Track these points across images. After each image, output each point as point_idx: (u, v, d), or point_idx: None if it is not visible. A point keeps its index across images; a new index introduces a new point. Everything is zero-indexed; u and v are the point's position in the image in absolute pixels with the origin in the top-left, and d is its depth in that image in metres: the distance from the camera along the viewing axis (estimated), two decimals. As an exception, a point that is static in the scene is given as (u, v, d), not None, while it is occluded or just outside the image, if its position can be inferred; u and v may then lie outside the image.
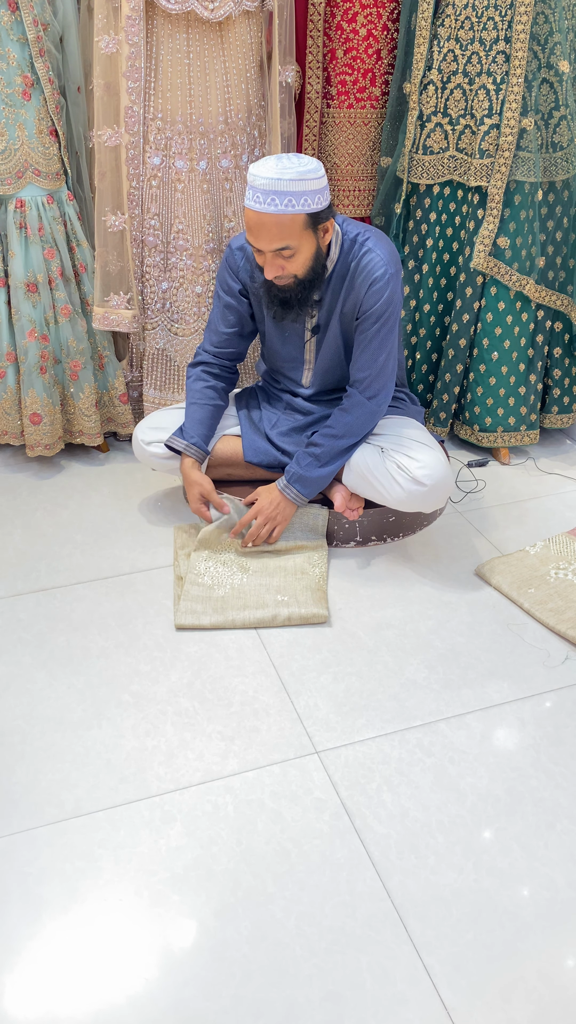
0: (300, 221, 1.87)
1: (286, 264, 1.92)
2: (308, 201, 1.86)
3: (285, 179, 1.83)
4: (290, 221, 1.86)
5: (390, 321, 2.02)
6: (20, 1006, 1.24)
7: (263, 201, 1.84)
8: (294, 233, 1.87)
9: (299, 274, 1.95)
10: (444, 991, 1.27)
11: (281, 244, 1.88)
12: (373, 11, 2.43)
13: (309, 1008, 1.25)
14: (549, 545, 2.26)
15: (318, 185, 1.87)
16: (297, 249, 1.90)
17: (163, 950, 1.32)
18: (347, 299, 2.05)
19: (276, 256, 1.91)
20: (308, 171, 1.85)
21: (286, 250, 1.89)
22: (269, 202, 1.84)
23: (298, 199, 1.84)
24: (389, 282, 1.99)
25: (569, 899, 1.40)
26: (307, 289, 1.99)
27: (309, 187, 1.85)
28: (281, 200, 1.84)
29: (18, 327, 2.39)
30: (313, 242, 1.92)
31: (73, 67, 2.33)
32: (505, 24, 2.29)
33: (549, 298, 2.59)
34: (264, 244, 1.89)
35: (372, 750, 1.66)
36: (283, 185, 1.83)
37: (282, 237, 1.87)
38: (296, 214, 1.85)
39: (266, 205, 1.84)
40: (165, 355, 2.56)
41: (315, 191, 1.86)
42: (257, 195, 1.85)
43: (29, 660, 1.87)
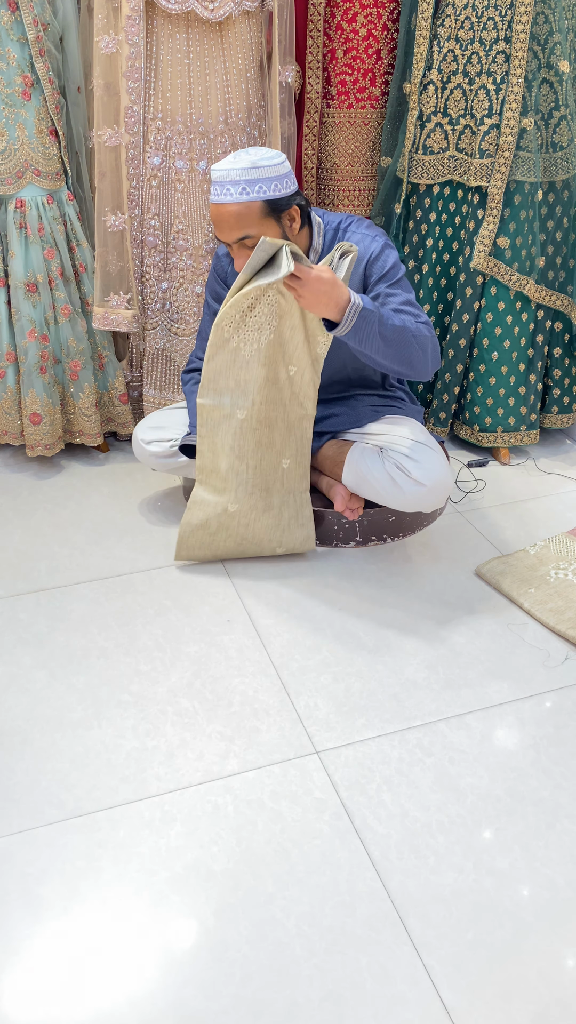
0: (256, 208, 1.87)
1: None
2: (263, 188, 1.87)
3: (237, 168, 1.86)
4: (246, 209, 1.87)
5: (400, 272, 2.04)
6: (20, 1006, 1.24)
7: (219, 192, 1.87)
8: (252, 221, 1.88)
9: None
10: (444, 991, 1.27)
11: (240, 233, 1.88)
12: (373, 11, 2.43)
13: (309, 1008, 1.24)
14: (549, 545, 2.26)
15: (274, 172, 1.88)
16: (258, 238, 1.89)
17: (163, 950, 1.31)
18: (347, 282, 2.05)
19: (241, 247, 1.92)
20: (262, 158, 1.87)
21: (247, 239, 1.90)
22: (224, 192, 1.87)
23: (252, 186, 1.86)
24: (385, 248, 2.02)
25: (569, 899, 1.40)
26: None
27: (263, 175, 1.86)
28: (235, 188, 1.86)
29: (18, 327, 2.39)
30: (277, 231, 1.92)
31: (73, 67, 2.33)
32: (505, 24, 2.29)
33: (549, 298, 2.59)
34: (225, 235, 1.91)
35: (372, 750, 1.66)
36: (235, 175, 1.86)
37: (240, 226, 1.88)
38: (251, 201, 1.87)
39: (222, 195, 1.87)
40: (165, 355, 2.56)
41: (271, 178, 1.87)
42: (215, 187, 1.89)
43: (29, 660, 1.87)
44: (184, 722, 1.72)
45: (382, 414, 2.24)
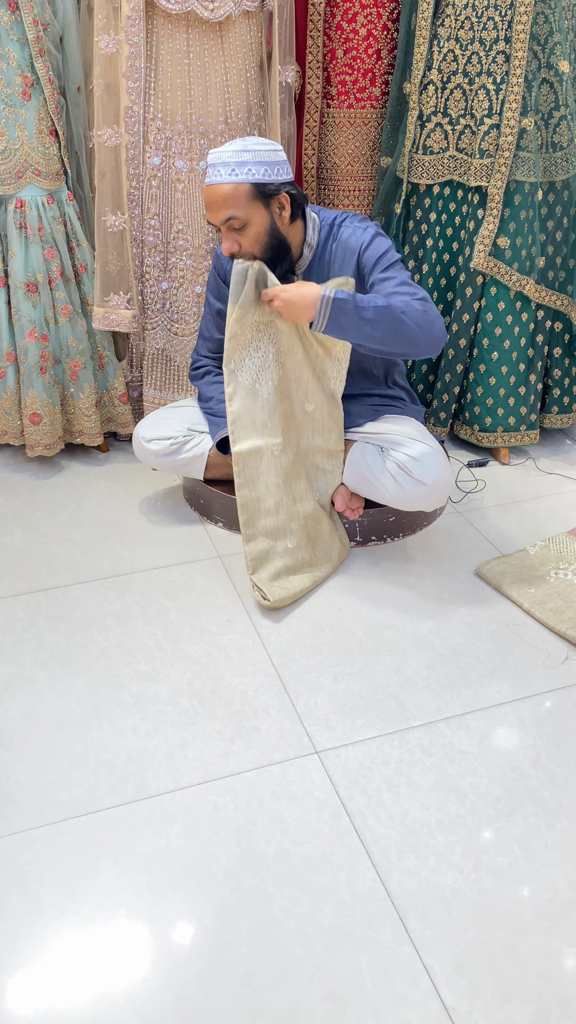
0: (244, 191, 1.90)
1: (240, 239, 1.95)
2: (252, 171, 1.90)
3: (228, 151, 1.91)
4: (233, 190, 1.90)
5: (393, 257, 2.03)
6: (20, 1006, 1.24)
7: (211, 174, 1.93)
8: (239, 203, 1.90)
9: (256, 252, 1.96)
10: (444, 991, 1.27)
11: (227, 213, 1.91)
12: (373, 11, 2.43)
13: (309, 1008, 1.24)
14: (549, 545, 2.26)
15: (265, 157, 1.91)
16: (246, 221, 1.92)
17: (163, 950, 1.31)
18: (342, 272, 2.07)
19: (228, 231, 1.94)
20: (255, 143, 1.91)
21: (234, 220, 1.92)
22: (215, 174, 1.91)
23: (240, 168, 1.89)
24: (375, 237, 2.04)
25: (569, 899, 1.40)
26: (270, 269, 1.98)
27: (252, 158, 1.90)
28: (225, 169, 1.90)
29: (18, 327, 2.39)
30: (265, 216, 1.94)
31: (73, 67, 2.33)
32: (505, 24, 2.29)
33: (549, 298, 2.59)
34: (212, 215, 1.94)
35: (372, 750, 1.66)
36: (225, 156, 1.90)
37: (227, 206, 1.90)
38: (239, 183, 1.90)
39: (212, 177, 1.92)
40: (165, 355, 2.56)
41: (261, 162, 1.90)
42: (207, 170, 1.94)
43: (29, 660, 1.87)
44: (184, 722, 1.72)
45: (382, 413, 2.24)
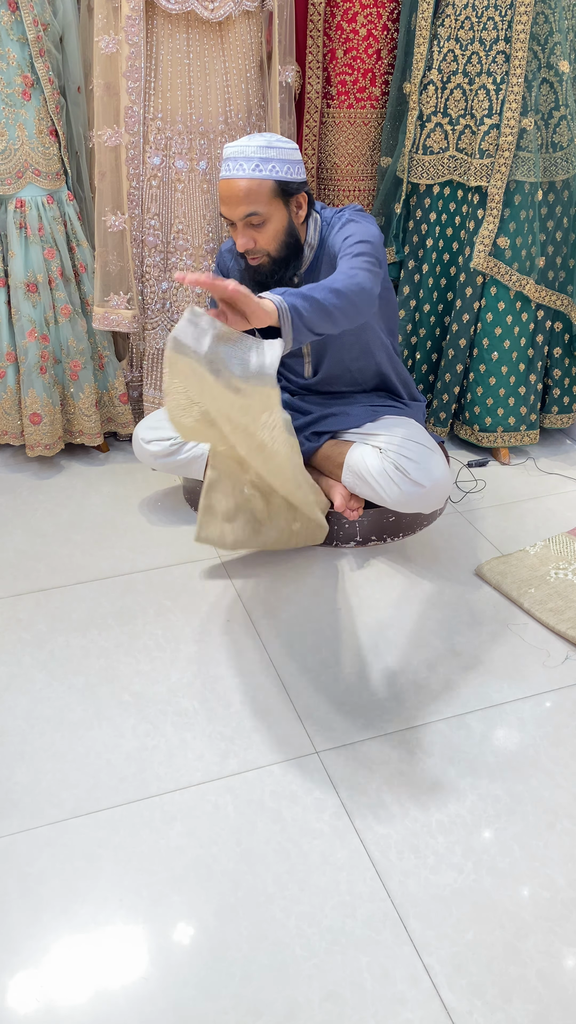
0: (268, 187, 1.88)
1: (257, 236, 1.92)
2: (276, 168, 1.88)
3: (252, 146, 1.87)
4: (257, 186, 1.87)
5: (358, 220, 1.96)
6: (20, 1006, 1.24)
7: (232, 168, 1.88)
8: (262, 199, 1.88)
9: (271, 250, 1.95)
10: (444, 991, 1.27)
11: (248, 209, 1.88)
12: (373, 11, 2.43)
13: (309, 1008, 1.24)
14: (549, 545, 2.26)
15: (287, 155, 1.89)
16: (267, 218, 1.90)
17: (163, 950, 1.31)
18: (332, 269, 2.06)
19: (246, 226, 1.91)
20: (276, 140, 1.89)
21: (254, 216, 1.89)
22: (237, 168, 1.87)
23: (265, 164, 1.87)
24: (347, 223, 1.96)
25: (569, 899, 1.40)
26: (282, 268, 1.99)
27: (277, 155, 1.88)
28: (248, 164, 1.87)
29: (18, 327, 2.39)
30: (284, 214, 1.93)
31: (73, 67, 2.33)
32: (505, 24, 2.29)
33: (549, 298, 2.59)
34: (232, 210, 1.90)
35: (372, 750, 1.66)
36: (250, 151, 1.87)
37: (249, 202, 1.87)
38: (263, 179, 1.87)
39: (234, 171, 1.87)
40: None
41: (283, 160, 1.88)
42: (227, 164, 1.89)
43: (29, 660, 1.87)
44: (184, 722, 1.72)
45: (381, 414, 2.24)
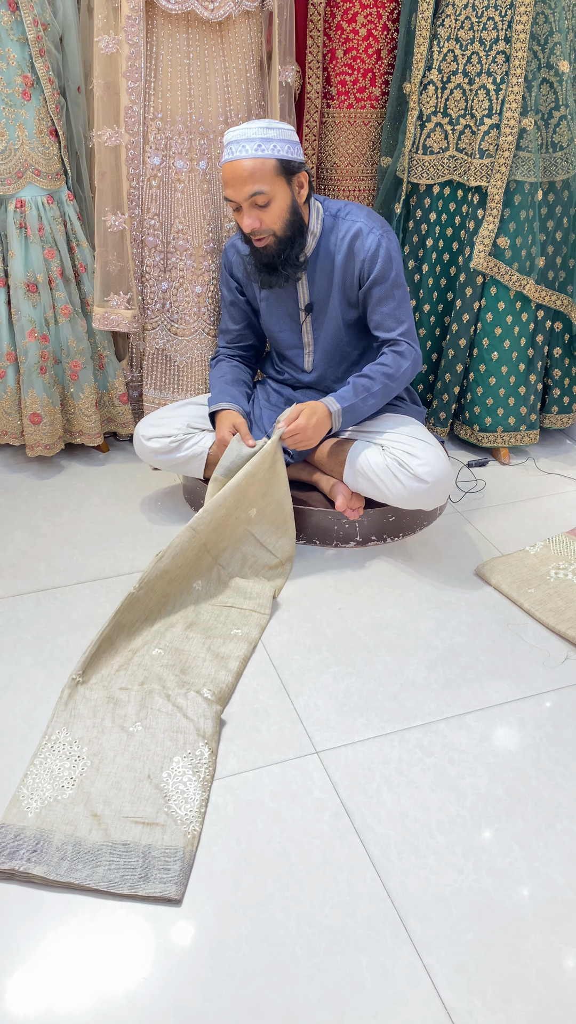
0: (271, 166, 1.93)
1: (262, 215, 1.96)
2: (277, 148, 1.93)
3: (252, 128, 1.93)
4: (260, 165, 1.92)
5: (398, 278, 2.09)
6: (20, 1006, 1.24)
7: (235, 150, 1.93)
8: (266, 177, 1.93)
9: (276, 229, 1.99)
10: (444, 991, 1.27)
11: (254, 188, 1.92)
12: (373, 11, 2.43)
13: (309, 1008, 1.24)
14: (549, 545, 2.26)
15: (287, 136, 1.95)
16: (271, 196, 1.94)
17: (163, 950, 1.31)
18: (345, 273, 2.10)
19: (252, 207, 1.95)
20: (274, 122, 1.95)
21: (259, 195, 1.93)
22: (240, 149, 1.92)
23: (267, 144, 1.92)
24: (381, 241, 2.05)
25: (569, 899, 1.40)
26: (288, 247, 2.02)
27: (277, 135, 1.93)
28: (251, 145, 1.92)
29: (18, 327, 2.39)
30: (287, 193, 1.97)
31: (73, 67, 2.33)
32: (505, 24, 2.29)
33: (549, 298, 2.59)
34: (237, 191, 1.94)
35: (372, 750, 1.66)
36: (251, 133, 1.93)
37: (254, 180, 1.92)
38: (266, 158, 1.92)
39: (237, 152, 1.93)
40: (165, 355, 2.56)
41: (283, 140, 1.94)
42: (230, 147, 1.94)
43: (29, 660, 1.87)
44: (184, 722, 1.72)
45: (381, 413, 2.25)
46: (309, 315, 2.18)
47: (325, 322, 2.18)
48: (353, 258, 2.07)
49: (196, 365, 2.54)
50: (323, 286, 2.13)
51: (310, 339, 2.22)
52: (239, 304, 2.29)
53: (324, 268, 2.10)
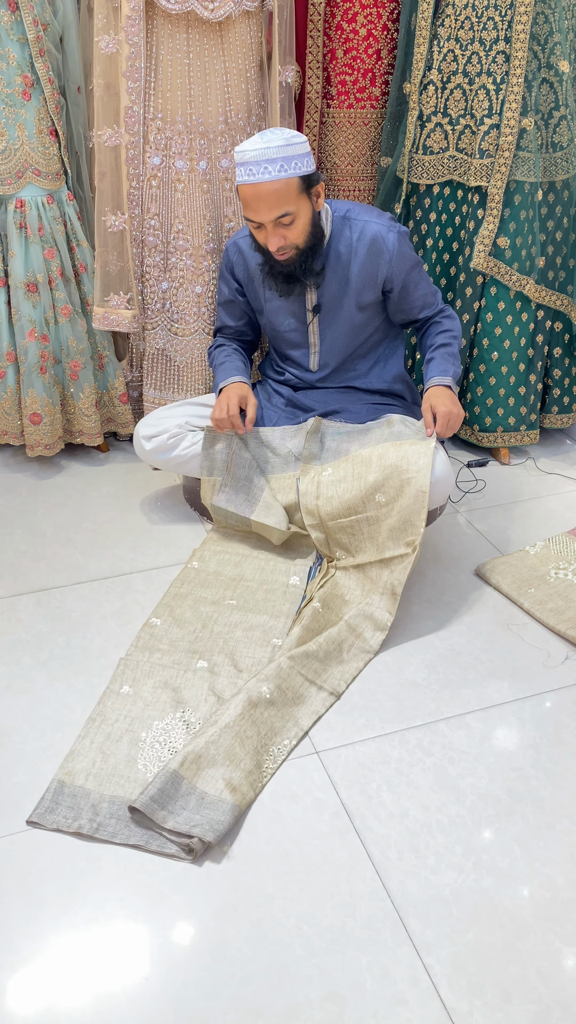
0: (295, 185, 1.91)
1: (287, 233, 1.96)
2: (298, 164, 1.91)
3: (273, 147, 1.88)
4: (285, 186, 1.90)
5: (419, 266, 2.13)
6: (20, 1006, 1.24)
7: (256, 172, 1.89)
8: (291, 198, 1.91)
9: (300, 243, 1.99)
10: (444, 991, 1.27)
11: (280, 211, 1.91)
12: (373, 11, 2.43)
13: (309, 1008, 1.24)
14: (549, 545, 2.26)
15: (303, 150, 1.93)
16: (296, 214, 1.94)
17: (163, 950, 1.31)
18: (364, 275, 2.10)
19: (277, 226, 1.94)
20: (291, 137, 1.92)
21: (286, 216, 1.92)
22: (263, 171, 1.88)
23: (289, 163, 1.89)
24: (402, 241, 2.08)
25: (569, 899, 1.40)
26: (309, 258, 2.03)
27: (296, 151, 1.91)
28: (274, 167, 1.88)
29: (18, 327, 2.39)
30: (309, 207, 1.97)
31: (73, 67, 2.33)
32: (505, 24, 2.29)
33: (549, 298, 2.59)
34: (264, 214, 1.92)
35: (372, 750, 1.66)
36: (272, 152, 1.88)
37: (280, 204, 1.90)
38: (290, 178, 1.90)
39: (260, 175, 1.89)
40: (165, 355, 2.56)
41: (302, 155, 1.92)
42: (249, 168, 1.90)
43: (29, 660, 1.87)
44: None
45: (382, 413, 2.24)
46: (317, 316, 2.18)
47: (333, 323, 2.18)
48: (377, 260, 2.08)
49: (196, 365, 2.54)
50: (333, 287, 2.12)
51: (316, 339, 2.22)
52: (238, 304, 2.28)
53: (335, 269, 2.10)
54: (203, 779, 1.53)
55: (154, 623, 1.94)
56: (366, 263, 2.09)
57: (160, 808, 1.47)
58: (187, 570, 2.13)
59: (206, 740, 1.57)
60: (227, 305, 2.30)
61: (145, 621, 1.96)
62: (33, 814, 1.50)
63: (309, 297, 2.15)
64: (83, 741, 1.64)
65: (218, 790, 1.51)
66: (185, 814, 1.47)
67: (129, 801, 1.50)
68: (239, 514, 2.16)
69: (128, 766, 1.58)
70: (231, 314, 2.31)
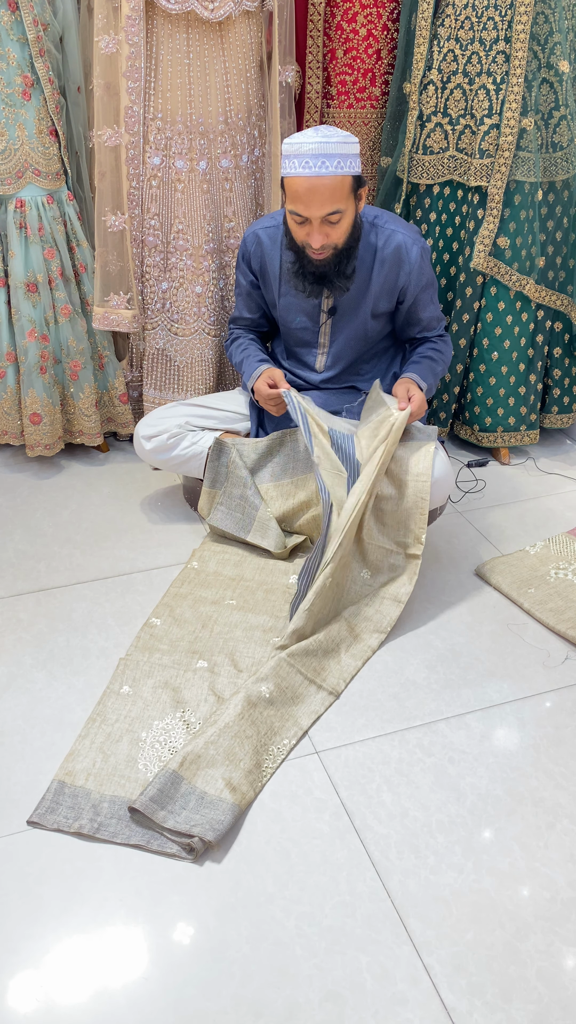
0: (348, 184, 1.90)
1: (331, 232, 1.94)
2: (353, 164, 1.90)
3: (332, 142, 1.86)
4: (341, 183, 1.88)
5: (432, 287, 2.14)
6: (20, 1006, 1.24)
7: (314, 165, 1.86)
8: (343, 196, 1.90)
9: (339, 243, 1.97)
10: (444, 991, 1.27)
11: (333, 207, 1.89)
12: (373, 11, 2.43)
13: (309, 1008, 1.24)
14: (549, 545, 2.26)
15: (357, 151, 1.92)
16: (344, 214, 1.93)
17: (163, 950, 1.31)
18: (385, 283, 2.09)
19: (323, 223, 1.92)
20: (347, 136, 1.90)
21: (335, 214, 1.91)
22: (320, 165, 1.86)
23: (345, 161, 1.88)
24: (424, 257, 2.08)
25: (569, 899, 1.40)
26: (345, 259, 2.01)
27: (352, 151, 1.90)
28: (331, 162, 1.86)
29: (18, 327, 2.39)
30: (355, 208, 1.97)
31: (73, 67, 2.33)
32: (505, 24, 2.29)
33: (549, 298, 2.59)
34: (315, 209, 1.89)
35: (372, 750, 1.66)
36: (331, 148, 1.86)
37: (334, 200, 1.89)
38: (346, 175, 1.88)
39: (319, 168, 1.86)
40: (165, 355, 2.56)
41: (356, 155, 1.91)
42: (306, 161, 1.86)
43: (29, 660, 1.87)
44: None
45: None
46: (331, 318, 2.17)
47: (346, 327, 2.16)
48: (398, 270, 2.07)
49: (196, 365, 2.54)
50: (351, 292, 2.11)
51: (326, 340, 2.21)
52: (254, 297, 2.25)
53: (357, 274, 2.08)
54: (203, 779, 1.53)
55: (154, 623, 1.94)
56: (388, 272, 2.07)
57: (160, 808, 1.47)
58: (187, 570, 2.13)
59: (205, 740, 1.58)
60: (244, 297, 2.26)
61: (145, 621, 1.96)
62: (34, 814, 1.50)
63: (326, 299, 2.14)
64: (83, 741, 1.64)
65: (218, 789, 1.51)
66: (185, 814, 1.47)
67: (129, 801, 1.50)
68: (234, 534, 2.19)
69: (128, 766, 1.58)
70: (248, 306, 2.28)
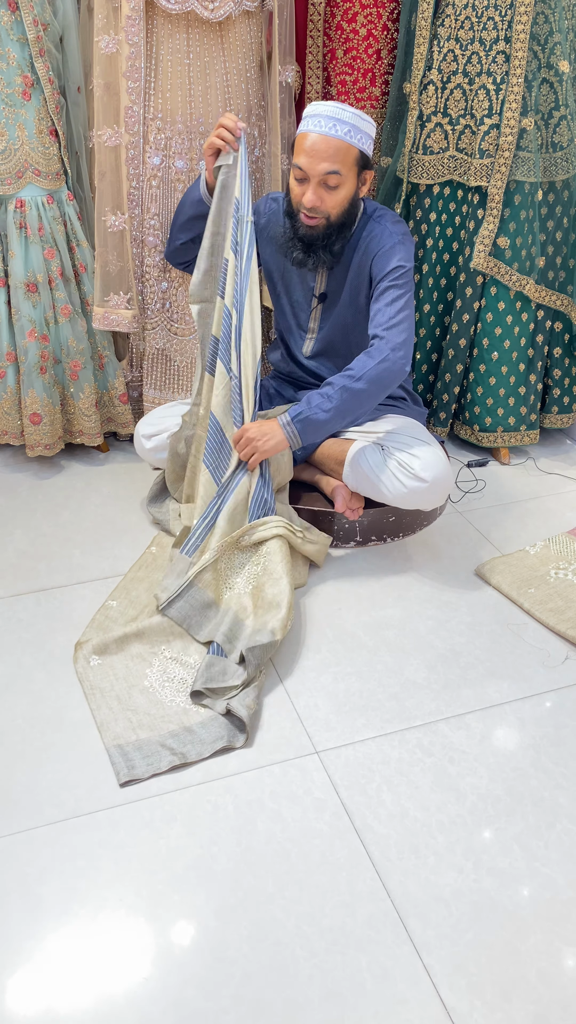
0: (353, 155, 1.97)
1: (325, 196, 1.98)
2: (364, 140, 1.97)
3: (347, 112, 1.96)
4: (346, 150, 1.95)
5: (402, 279, 2.06)
6: (20, 1006, 1.24)
7: (325, 125, 1.95)
8: (346, 163, 1.96)
9: (332, 215, 2.01)
10: (444, 991, 1.27)
11: (333, 167, 1.95)
12: (373, 11, 2.43)
13: (309, 1008, 1.24)
14: (549, 545, 2.26)
15: (371, 132, 1.99)
16: (342, 182, 1.98)
17: (163, 950, 1.31)
18: (360, 269, 2.11)
19: (320, 184, 1.97)
20: (363, 114, 1.98)
21: (334, 176, 1.96)
22: (332, 128, 1.94)
23: (356, 133, 1.96)
24: (395, 247, 2.06)
25: (569, 899, 1.40)
26: (335, 234, 2.04)
27: (366, 128, 1.98)
28: (342, 127, 1.94)
29: (18, 327, 2.39)
30: (354, 185, 2.01)
31: (73, 67, 2.33)
32: (505, 24, 2.29)
33: (549, 298, 2.59)
34: (316, 164, 1.95)
35: (372, 750, 1.66)
36: (346, 116, 1.95)
37: (335, 160, 1.95)
38: (352, 145, 1.96)
39: (329, 129, 1.94)
40: (165, 355, 2.56)
41: (368, 135, 1.98)
42: (319, 120, 1.95)
43: (29, 660, 1.87)
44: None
45: (383, 413, 2.25)
46: (321, 304, 2.19)
47: (333, 316, 2.20)
48: (369, 256, 2.09)
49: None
50: (342, 277, 2.15)
51: (315, 326, 2.24)
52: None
53: (347, 262, 2.13)
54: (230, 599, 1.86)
55: (110, 605, 2.00)
56: (366, 257, 2.10)
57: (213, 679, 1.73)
58: (145, 555, 2.19)
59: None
60: None
61: (102, 604, 2.01)
62: (120, 776, 1.57)
63: (319, 284, 2.17)
64: (101, 712, 1.71)
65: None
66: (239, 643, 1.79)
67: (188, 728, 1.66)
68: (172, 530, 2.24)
69: (157, 707, 1.71)
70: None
